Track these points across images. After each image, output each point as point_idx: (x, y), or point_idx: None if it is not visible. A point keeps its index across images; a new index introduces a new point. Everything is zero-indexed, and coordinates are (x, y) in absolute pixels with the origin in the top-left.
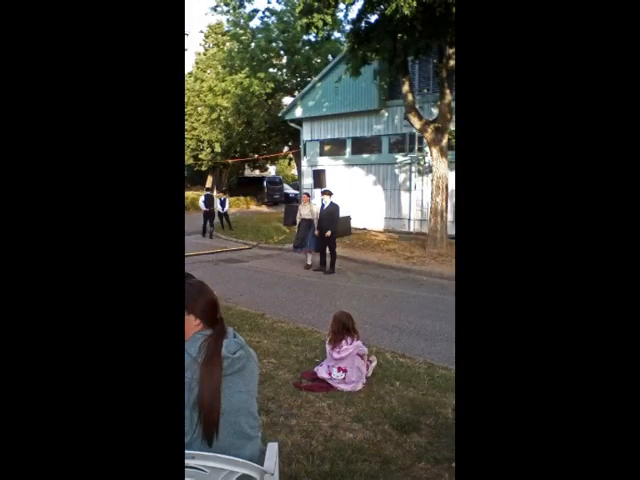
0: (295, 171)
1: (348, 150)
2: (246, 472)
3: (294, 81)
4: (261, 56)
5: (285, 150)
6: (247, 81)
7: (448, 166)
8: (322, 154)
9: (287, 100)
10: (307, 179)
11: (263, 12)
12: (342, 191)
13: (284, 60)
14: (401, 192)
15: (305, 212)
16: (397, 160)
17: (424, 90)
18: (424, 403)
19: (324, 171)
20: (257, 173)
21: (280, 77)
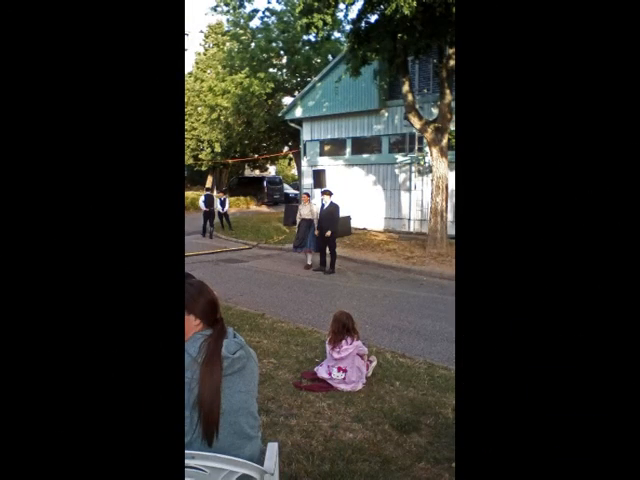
0: (295, 171)
1: (348, 150)
2: (246, 472)
3: (294, 81)
4: (261, 56)
5: (285, 150)
6: (247, 81)
7: (448, 166)
8: (322, 154)
9: (287, 100)
10: (307, 179)
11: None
12: (342, 191)
13: (284, 60)
14: (401, 192)
15: (305, 212)
16: (397, 160)
17: (424, 90)
18: (424, 403)
19: (324, 171)
20: (257, 173)
21: (280, 77)
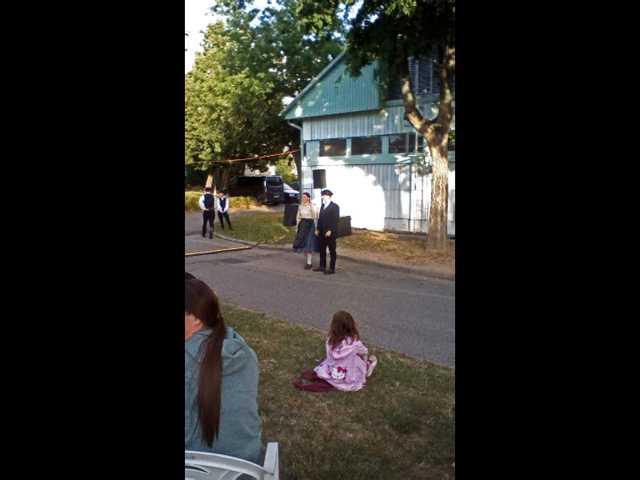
0: (295, 171)
1: (348, 150)
2: (246, 472)
3: (294, 81)
4: (261, 56)
5: (285, 150)
6: (247, 81)
7: (448, 166)
8: (322, 154)
9: (287, 100)
10: (307, 179)
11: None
12: (342, 191)
13: (284, 60)
14: (401, 192)
15: (305, 212)
16: (397, 160)
17: (424, 90)
18: (424, 403)
19: (324, 171)
20: (257, 173)
21: (280, 77)
